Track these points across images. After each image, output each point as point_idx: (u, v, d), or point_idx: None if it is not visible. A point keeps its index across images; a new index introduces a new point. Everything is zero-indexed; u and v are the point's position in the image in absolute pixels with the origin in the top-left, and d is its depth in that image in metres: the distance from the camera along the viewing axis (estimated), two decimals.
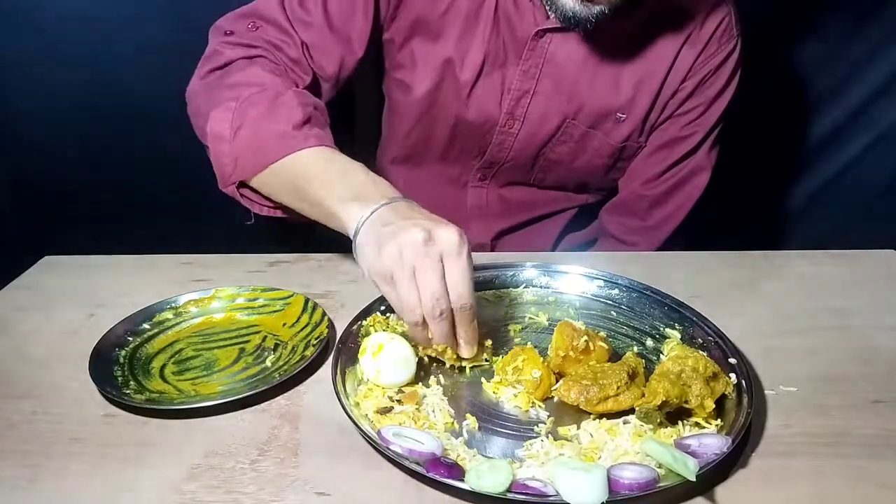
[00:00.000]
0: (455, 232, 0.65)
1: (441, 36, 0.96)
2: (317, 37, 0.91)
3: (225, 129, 0.81)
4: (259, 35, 0.89)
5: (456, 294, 0.65)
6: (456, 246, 0.65)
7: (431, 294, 0.64)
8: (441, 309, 0.65)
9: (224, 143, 0.81)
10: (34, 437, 0.64)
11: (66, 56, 1.32)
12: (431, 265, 0.64)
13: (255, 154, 0.80)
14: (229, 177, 0.83)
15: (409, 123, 1.05)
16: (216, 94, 0.84)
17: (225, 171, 0.83)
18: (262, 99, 0.81)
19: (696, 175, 1.07)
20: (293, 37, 0.90)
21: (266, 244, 1.06)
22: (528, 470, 0.57)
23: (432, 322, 0.66)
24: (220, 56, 0.88)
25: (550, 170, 1.08)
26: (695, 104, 1.03)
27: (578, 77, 0.98)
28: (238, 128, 0.80)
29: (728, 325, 0.76)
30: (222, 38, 0.90)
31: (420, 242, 0.64)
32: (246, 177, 0.82)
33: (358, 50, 0.94)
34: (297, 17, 0.90)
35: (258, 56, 0.88)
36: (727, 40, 0.99)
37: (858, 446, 0.62)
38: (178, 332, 0.80)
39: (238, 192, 0.84)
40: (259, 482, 0.58)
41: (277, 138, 0.79)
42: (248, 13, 0.91)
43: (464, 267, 0.65)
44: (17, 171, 1.46)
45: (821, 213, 1.50)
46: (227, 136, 0.81)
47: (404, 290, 0.65)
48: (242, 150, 0.80)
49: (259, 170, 0.80)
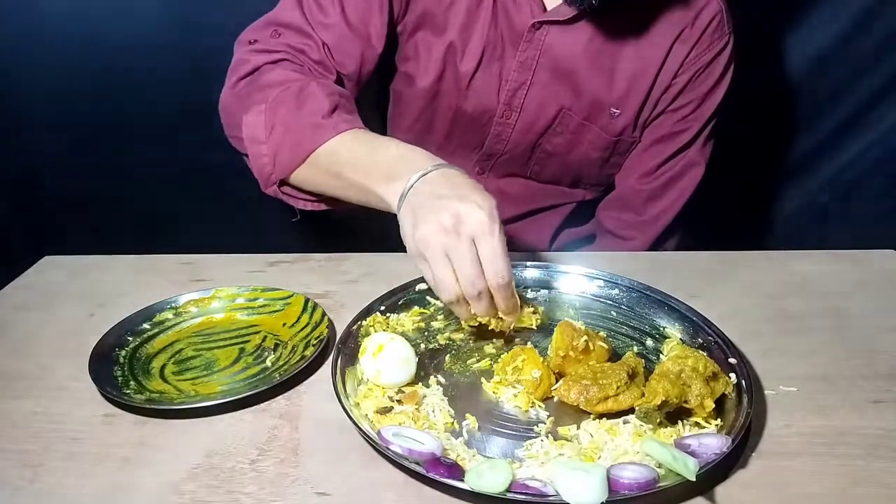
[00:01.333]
0: (485, 211, 0.66)
1: (445, 28, 0.98)
2: (336, 37, 0.93)
3: (259, 131, 0.85)
4: (281, 41, 0.92)
5: (492, 272, 0.67)
6: (487, 226, 0.66)
7: (467, 276, 0.66)
8: (479, 289, 0.67)
9: (261, 145, 0.85)
10: (34, 437, 0.64)
11: (66, 56, 1.32)
12: (464, 248, 0.66)
13: (290, 149, 0.83)
14: (270, 176, 0.86)
15: (411, 117, 1.07)
16: (246, 100, 0.87)
17: (265, 171, 0.86)
18: (289, 95, 0.84)
19: (691, 169, 1.08)
20: (314, 39, 0.92)
21: (266, 244, 1.05)
22: (528, 470, 0.57)
23: (473, 301, 0.68)
24: (247, 64, 0.90)
25: (546, 162, 1.09)
26: (687, 100, 1.04)
27: (574, 69, 0.99)
28: (271, 127, 0.84)
29: (728, 325, 0.76)
30: (247, 48, 0.93)
31: (450, 227, 0.66)
32: (285, 173, 0.85)
33: (377, 45, 0.96)
34: (316, 20, 0.93)
35: (282, 60, 0.90)
36: (719, 37, 1.01)
37: (858, 446, 0.62)
38: (178, 332, 0.80)
39: (280, 192, 0.88)
40: (259, 482, 0.58)
41: (309, 130, 0.82)
42: (268, 22, 0.94)
43: (496, 245, 0.66)
44: (17, 171, 1.46)
45: (821, 213, 1.50)
46: (263, 138, 0.85)
47: (438, 271, 0.67)
48: (278, 147, 0.84)
49: (297, 164, 0.83)
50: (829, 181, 1.47)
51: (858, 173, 1.44)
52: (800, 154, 1.47)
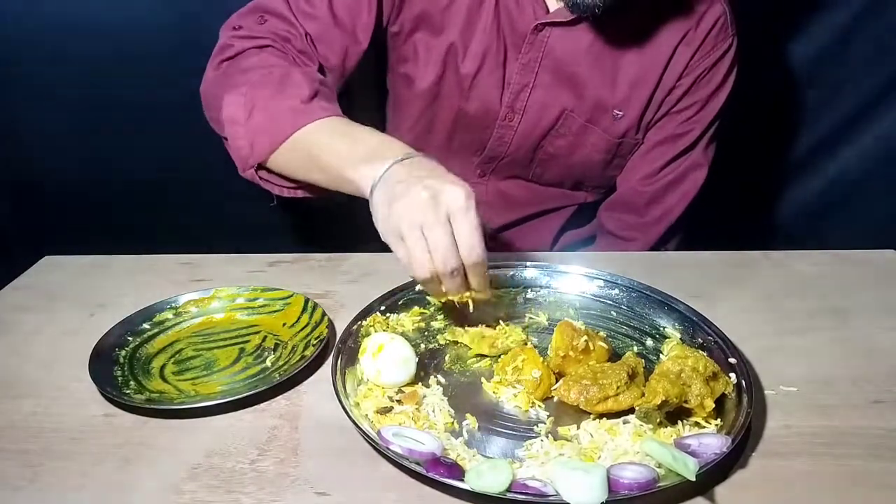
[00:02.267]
0: (461, 189, 0.66)
1: (444, 29, 0.98)
2: (321, 29, 0.93)
3: (239, 112, 0.84)
4: (266, 28, 0.92)
5: (466, 250, 0.67)
6: (462, 202, 0.66)
7: (442, 253, 0.66)
8: (452, 266, 0.67)
9: (239, 127, 0.84)
10: (34, 437, 0.64)
11: (66, 56, 1.31)
12: (439, 225, 0.66)
13: (268, 132, 0.83)
14: (247, 159, 0.85)
15: (412, 119, 1.07)
16: (228, 81, 0.87)
17: (242, 153, 0.85)
18: (271, 79, 0.84)
19: (694, 172, 1.08)
20: (298, 28, 0.92)
21: (266, 244, 1.06)
22: (528, 470, 0.57)
23: (445, 278, 0.68)
24: (231, 48, 0.91)
25: (549, 164, 1.09)
26: (691, 102, 1.04)
27: (577, 71, 0.99)
28: (251, 109, 0.83)
29: (728, 325, 0.76)
30: (232, 33, 0.93)
31: (426, 202, 0.65)
32: (263, 157, 0.84)
33: (363, 41, 0.96)
34: (302, 10, 0.93)
35: (266, 46, 0.90)
36: (723, 39, 1.01)
37: (858, 446, 0.62)
38: (178, 332, 0.80)
39: (257, 176, 0.87)
40: (259, 482, 0.58)
41: (288, 114, 0.82)
42: (255, 8, 0.94)
43: (471, 223, 0.66)
44: (17, 171, 1.46)
45: (821, 213, 1.50)
46: (241, 119, 0.84)
47: (412, 248, 0.67)
48: (256, 130, 0.83)
49: (274, 147, 0.82)
50: (829, 181, 1.47)
51: (858, 173, 1.44)
52: (800, 154, 1.47)
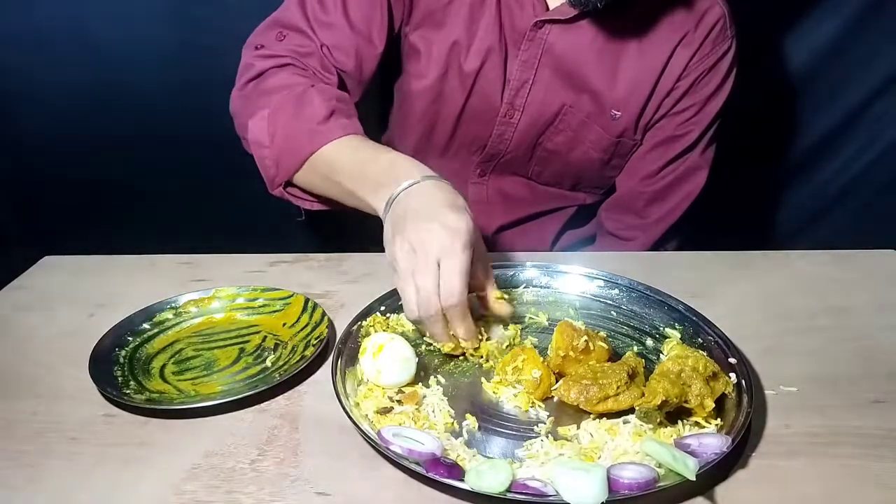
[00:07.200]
0: (448, 233, 0.67)
1: (445, 26, 0.98)
2: (338, 36, 0.94)
3: (263, 136, 0.89)
4: (286, 45, 0.94)
5: (445, 294, 0.68)
6: (448, 247, 0.67)
7: (423, 297, 0.68)
8: (431, 311, 0.68)
9: (264, 149, 0.89)
10: (34, 437, 0.64)
11: (66, 56, 1.32)
12: (428, 269, 0.67)
13: (290, 154, 0.87)
14: (274, 178, 0.90)
15: (415, 117, 1.07)
16: (251, 103, 0.91)
17: (269, 173, 0.90)
18: (290, 100, 0.87)
19: (694, 173, 1.08)
20: (315, 41, 0.94)
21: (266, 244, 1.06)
22: (528, 470, 0.57)
23: (428, 323, 0.69)
24: (252, 68, 0.93)
25: (548, 162, 1.09)
26: (689, 103, 1.04)
27: (576, 68, 0.99)
28: (273, 133, 0.88)
29: (728, 325, 0.76)
30: (254, 52, 0.95)
31: (416, 246, 0.68)
32: (287, 177, 0.89)
33: (378, 44, 0.97)
34: (318, 19, 0.94)
35: (287, 64, 0.92)
36: (722, 41, 1.01)
37: (858, 446, 0.62)
38: (178, 332, 0.80)
39: (286, 193, 0.92)
40: (259, 482, 0.58)
41: (306, 135, 0.85)
42: (273, 23, 0.96)
43: (454, 268, 0.67)
44: (17, 171, 1.46)
45: (821, 213, 1.50)
46: (266, 143, 0.89)
47: (403, 292, 0.70)
48: (280, 152, 0.88)
49: (296, 168, 0.87)
50: (829, 181, 1.47)
51: (858, 173, 1.44)
52: (799, 154, 1.47)
